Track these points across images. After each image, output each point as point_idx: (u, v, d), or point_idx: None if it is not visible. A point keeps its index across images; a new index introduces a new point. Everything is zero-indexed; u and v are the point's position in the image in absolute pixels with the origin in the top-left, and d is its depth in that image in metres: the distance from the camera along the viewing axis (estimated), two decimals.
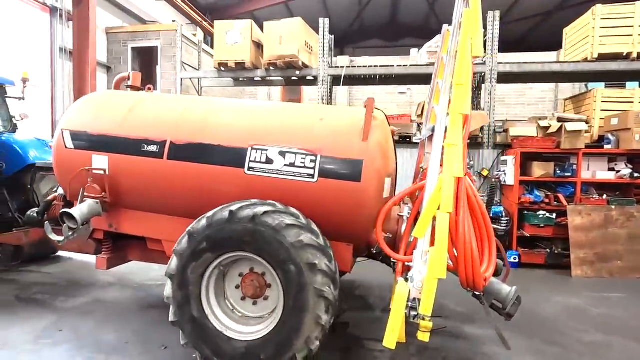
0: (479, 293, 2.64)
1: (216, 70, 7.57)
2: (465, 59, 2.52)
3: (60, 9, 8.01)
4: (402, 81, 8.72)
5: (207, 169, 3.04)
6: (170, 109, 3.43)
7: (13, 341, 3.17)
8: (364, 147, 2.83)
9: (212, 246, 2.58)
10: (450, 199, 2.37)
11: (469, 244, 2.42)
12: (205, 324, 2.62)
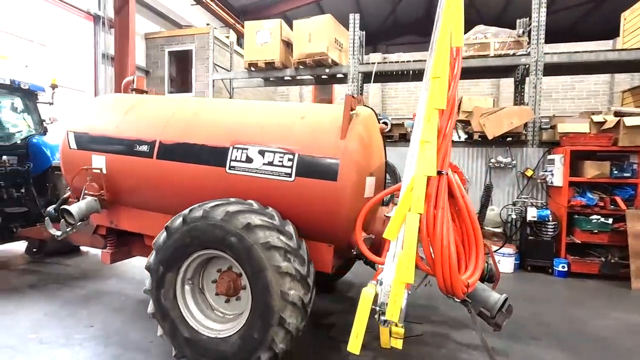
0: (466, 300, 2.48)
1: (246, 70, 7.61)
2: (442, 50, 2.41)
3: (103, 17, 8.44)
4: None
5: (193, 168, 3.11)
6: (163, 110, 3.52)
7: (47, 337, 3.29)
8: (341, 146, 2.76)
9: (188, 243, 2.62)
10: (421, 200, 2.24)
11: (447, 247, 2.25)
12: (178, 318, 2.67)
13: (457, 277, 2.30)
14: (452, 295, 2.36)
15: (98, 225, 3.79)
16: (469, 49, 6.59)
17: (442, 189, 2.38)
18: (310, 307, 2.60)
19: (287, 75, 7.47)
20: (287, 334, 2.45)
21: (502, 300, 2.55)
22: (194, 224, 2.59)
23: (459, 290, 2.32)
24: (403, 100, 12.97)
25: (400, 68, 6.98)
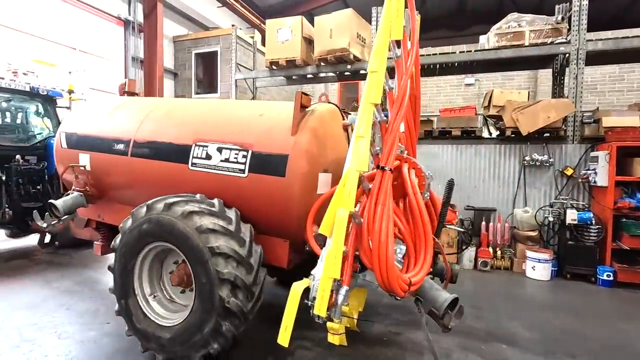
0: (419, 299, 2.51)
1: (268, 69, 7.57)
2: (380, 44, 2.42)
3: (133, 21, 8.73)
4: (467, 70, 7.85)
5: (161, 165, 3.26)
6: (140, 111, 3.69)
7: (65, 332, 3.36)
8: (290, 142, 2.79)
9: (137, 237, 2.79)
10: (351, 196, 2.24)
11: (384, 244, 2.20)
12: (133, 298, 2.86)
13: (394, 274, 2.23)
14: (392, 292, 2.31)
15: (89, 219, 4.05)
16: (500, 39, 6.16)
17: (384, 185, 2.33)
18: (257, 288, 2.64)
19: (309, 72, 7.34)
20: (229, 313, 2.50)
21: (450, 300, 2.45)
22: (142, 219, 2.75)
23: (397, 288, 2.26)
24: (431, 96, 12.48)
25: (426, 62, 6.65)
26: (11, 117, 5.91)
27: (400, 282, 2.26)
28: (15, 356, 2.93)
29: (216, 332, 2.51)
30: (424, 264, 2.45)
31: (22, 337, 3.23)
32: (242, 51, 9.75)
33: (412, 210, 2.53)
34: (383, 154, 2.46)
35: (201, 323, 2.54)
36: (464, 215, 6.01)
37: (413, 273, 2.40)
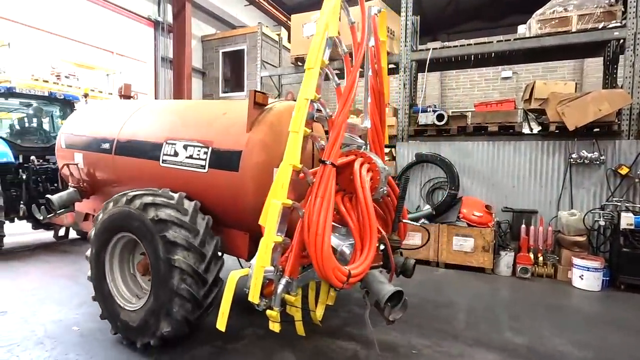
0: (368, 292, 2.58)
1: (293, 66, 7.43)
2: (318, 41, 2.51)
3: (162, 22, 8.90)
4: (504, 62, 7.33)
5: (138, 162, 3.51)
6: (126, 113, 3.96)
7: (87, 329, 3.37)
8: (245, 138, 2.91)
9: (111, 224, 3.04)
10: (284, 188, 2.36)
11: (321, 235, 2.29)
12: (103, 284, 3.12)
13: (330, 265, 2.29)
14: (329, 282, 2.38)
15: (87, 213, 4.31)
16: (544, 26, 5.64)
17: (324, 179, 2.43)
18: (210, 276, 2.78)
19: (335, 67, 7.11)
20: (180, 298, 2.67)
21: (390, 293, 2.47)
22: (108, 211, 3.01)
23: (333, 279, 2.31)
24: (465, 91, 11.89)
25: (459, 53, 6.24)
26: (33, 120, 6.47)
27: (337, 273, 2.32)
28: (39, 353, 2.94)
29: (168, 316, 2.70)
30: (367, 258, 2.50)
31: (47, 333, 3.26)
32: (269, 49, 9.69)
33: (359, 205, 2.59)
34: (326, 148, 2.54)
35: (155, 307, 2.75)
36: (500, 217, 5.57)
37: (354, 265, 2.46)
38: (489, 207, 5.47)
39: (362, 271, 2.47)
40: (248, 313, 3.27)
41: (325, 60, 2.59)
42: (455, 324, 3.64)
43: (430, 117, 6.10)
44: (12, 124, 6.41)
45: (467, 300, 4.25)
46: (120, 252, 3.18)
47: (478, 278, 5.08)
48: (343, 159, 2.78)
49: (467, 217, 5.40)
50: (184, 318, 2.72)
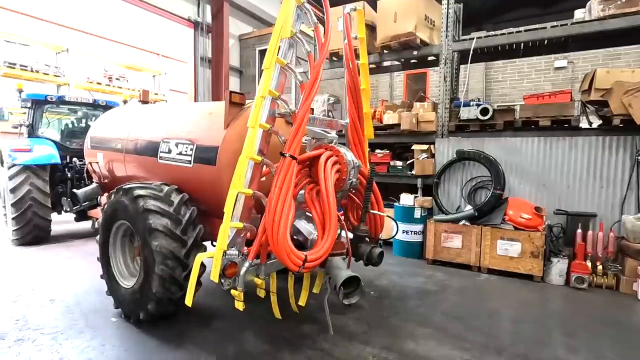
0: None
1: (327, 60, 7.28)
2: (273, 42, 2.78)
3: (201, 22, 9.13)
4: (559, 49, 6.69)
5: (141, 158, 3.95)
6: (136, 116, 4.51)
7: (124, 320, 3.48)
8: (222, 135, 3.19)
9: (111, 213, 3.48)
10: (241, 178, 2.61)
11: (277, 223, 2.51)
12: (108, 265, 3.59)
13: (285, 250, 2.52)
14: (285, 266, 2.60)
15: None
16: (607, 7, 5.03)
17: (284, 170, 2.65)
18: (190, 261, 3.03)
19: (370, 61, 6.85)
20: (162, 280, 3.02)
21: (344, 278, 2.70)
22: (110, 201, 3.45)
23: (289, 263, 2.55)
24: (513, 84, 11.09)
25: (507, 41, 5.75)
26: (79, 124, 7.15)
27: (293, 257, 2.55)
28: (79, 342, 3.07)
29: (151, 295, 3.07)
30: (324, 245, 2.70)
31: (88, 323, 3.40)
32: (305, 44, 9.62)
33: (321, 195, 2.81)
34: (287, 142, 2.75)
35: (141, 287, 3.15)
36: (552, 221, 5.07)
37: (312, 251, 2.66)
38: (539, 209, 4.99)
39: (319, 257, 2.67)
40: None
41: (285, 60, 2.82)
42: (500, 336, 3.33)
43: (474, 111, 5.70)
44: (62, 129, 7.13)
45: (513, 311, 3.89)
46: (121, 238, 3.62)
47: (525, 286, 4.66)
48: (312, 153, 3.04)
49: (513, 220, 4.98)
50: (167, 297, 3.10)
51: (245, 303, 2.70)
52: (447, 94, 6.02)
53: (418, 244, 5.83)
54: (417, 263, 5.57)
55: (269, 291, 3.25)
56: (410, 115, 6.05)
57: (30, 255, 5.54)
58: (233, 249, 2.67)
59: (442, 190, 5.88)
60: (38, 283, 4.39)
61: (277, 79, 2.83)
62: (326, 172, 2.84)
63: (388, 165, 6.46)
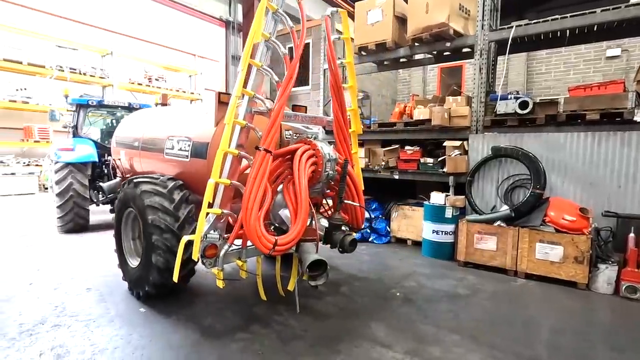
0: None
1: (357, 55, 7.12)
2: (247, 47, 3.06)
3: (233, 21, 9.29)
4: (611, 35, 6.10)
5: (153, 154, 4.45)
6: (151, 118, 5.10)
7: (152, 311, 3.58)
8: (211, 132, 3.55)
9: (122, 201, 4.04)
10: (216, 170, 2.92)
11: (250, 210, 2.79)
12: (120, 245, 4.20)
13: (256, 234, 2.78)
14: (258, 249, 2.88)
15: None
16: None
17: (259, 162, 2.92)
18: (182, 232, 3.42)
19: (400, 55, 6.65)
20: (159, 249, 3.41)
21: (309, 261, 2.95)
22: (121, 190, 4.06)
23: (260, 246, 2.82)
24: (557, 76, 10.34)
25: (551, 28, 5.31)
26: (116, 125, 7.49)
27: (264, 241, 2.82)
28: (109, 330, 3.21)
29: (154, 265, 3.45)
30: (293, 231, 2.94)
31: (118, 312, 3.55)
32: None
33: (294, 186, 3.06)
34: (262, 137, 3.01)
35: (145, 262, 3.58)
36: (600, 224, 4.64)
37: (282, 237, 2.91)
38: (584, 210, 4.58)
39: (288, 242, 2.91)
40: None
41: (259, 61, 3.11)
42: (536, 347, 3.08)
43: (511, 104, 5.34)
44: (102, 129, 7.69)
45: (552, 320, 3.60)
46: (131, 222, 4.13)
47: (568, 293, 4.30)
48: (289, 147, 3.34)
49: (555, 222, 4.61)
50: (165, 266, 3.43)
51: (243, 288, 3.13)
52: (482, 87, 5.68)
53: (449, 244, 5.57)
54: (448, 265, 5.33)
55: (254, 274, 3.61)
56: (442, 110, 5.78)
57: (72, 242, 6.02)
58: (214, 232, 2.99)
59: (476, 189, 5.57)
60: (77, 271, 4.67)
61: (254, 79, 3.13)
62: (300, 165, 3.10)
63: (418, 163, 6.23)
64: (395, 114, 7.03)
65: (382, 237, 6.63)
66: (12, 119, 13.67)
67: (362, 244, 6.44)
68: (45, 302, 3.75)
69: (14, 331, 3.14)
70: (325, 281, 3.15)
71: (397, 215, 6.56)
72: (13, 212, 9.34)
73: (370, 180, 7.46)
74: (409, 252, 5.98)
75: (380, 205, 7.05)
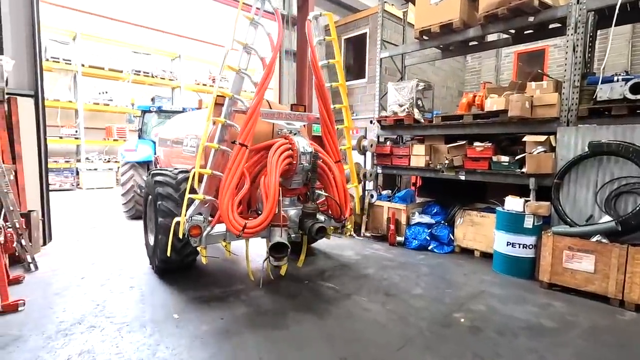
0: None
1: (417, 41, 6.35)
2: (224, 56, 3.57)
3: (286, 14, 9.02)
4: None
5: (177, 150, 5.30)
6: (182, 119, 5.94)
7: (184, 320, 3.37)
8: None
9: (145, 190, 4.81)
10: (198, 161, 3.48)
11: (224, 196, 3.34)
12: (145, 225, 4.93)
13: (228, 217, 3.33)
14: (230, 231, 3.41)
15: None
16: None
17: (234, 155, 3.45)
18: (179, 213, 3.59)
19: (469, 36, 5.72)
20: (162, 230, 3.92)
21: (272, 243, 3.35)
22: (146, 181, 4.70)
23: (231, 227, 3.35)
24: None
25: None
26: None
27: (235, 224, 3.31)
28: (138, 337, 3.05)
29: (157, 244, 4.09)
30: (262, 217, 3.36)
31: (151, 317, 3.39)
32: (393, 28, 8.77)
33: (266, 177, 3.46)
34: (240, 132, 3.47)
35: (156, 240, 4.20)
36: None
37: (252, 221, 3.37)
38: None
39: (256, 225, 3.32)
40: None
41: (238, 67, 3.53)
42: None
43: (619, 88, 4.21)
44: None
45: None
46: (151, 207, 4.59)
47: None
48: (267, 142, 3.75)
49: None
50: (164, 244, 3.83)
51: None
52: (577, 69, 4.60)
53: (527, 260, 4.63)
54: (526, 285, 4.41)
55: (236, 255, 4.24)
56: (522, 99, 4.81)
57: (133, 230, 6.69)
58: (200, 216, 3.48)
59: (566, 195, 4.53)
60: (126, 266, 4.78)
61: (233, 83, 3.57)
62: (273, 158, 3.46)
63: (489, 161, 5.32)
64: (462, 105, 6.12)
65: (444, 245, 5.83)
66: (96, 119, 15.18)
67: (420, 253, 5.72)
68: (89, 299, 3.77)
69: (52, 329, 3.12)
70: (285, 264, 3.51)
71: (463, 222, 5.71)
72: (93, 204, 10.24)
73: (431, 180, 6.66)
74: (476, 266, 5.13)
75: (442, 209, 6.24)
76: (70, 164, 13.73)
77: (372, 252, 5.79)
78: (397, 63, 7.99)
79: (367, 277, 4.61)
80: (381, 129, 6.92)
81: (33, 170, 5.53)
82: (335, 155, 4.13)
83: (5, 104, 5.27)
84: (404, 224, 6.21)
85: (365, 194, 6.95)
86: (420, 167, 6.17)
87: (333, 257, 5.47)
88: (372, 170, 6.84)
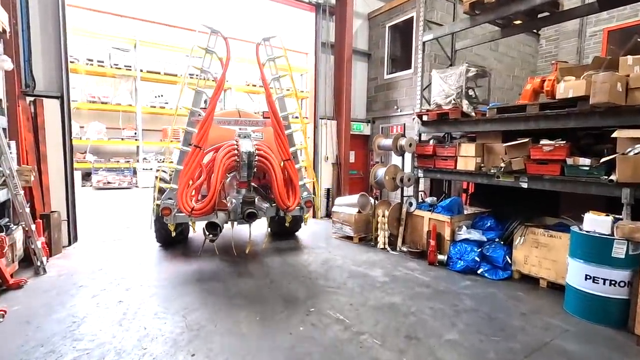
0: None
1: (467, 17, 5.19)
2: (184, 75, 5.12)
3: (323, 3, 8.31)
4: None
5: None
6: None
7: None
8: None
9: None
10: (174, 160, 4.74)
11: (179, 188, 4.22)
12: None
13: (181, 201, 4.19)
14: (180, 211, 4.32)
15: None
16: None
17: (189, 155, 4.28)
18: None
19: (538, 2, 4.45)
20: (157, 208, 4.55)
21: (207, 221, 4.23)
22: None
23: (183, 210, 4.21)
24: None
25: None
26: None
27: (185, 207, 4.19)
28: None
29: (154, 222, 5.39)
30: (205, 202, 4.25)
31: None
32: (444, 9, 7.59)
33: (211, 172, 4.47)
34: (197, 136, 4.31)
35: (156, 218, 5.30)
36: None
37: (198, 204, 4.28)
38: None
39: (201, 208, 4.25)
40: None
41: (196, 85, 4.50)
42: None
43: None
44: None
45: None
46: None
47: None
48: (219, 144, 4.66)
49: None
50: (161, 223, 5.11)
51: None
52: None
53: (617, 302, 3.35)
54: (614, 338, 3.16)
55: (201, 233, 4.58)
56: (612, 79, 3.51)
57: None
58: (170, 200, 4.30)
59: None
60: (129, 274, 4.56)
61: (194, 98, 4.47)
62: (217, 157, 4.39)
63: (562, 165, 4.06)
64: (527, 92, 4.81)
65: (499, 270, 4.65)
66: (153, 122, 16.01)
67: (465, 277, 4.63)
68: (69, 314, 3.44)
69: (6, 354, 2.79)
70: (216, 238, 4.35)
71: (524, 241, 4.49)
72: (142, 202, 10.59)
73: (486, 187, 5.45)
74: (540, 302, 3.92)
75: (497, 224, 5.02)
76: (130, 164, 14.60)
77: (405, 272, 4.82)
78: (446, 50, 6.82)
79: (390, 308, 3.72)
80: (422, 125, 5.84)
81: (58, 171, 5.58)
82: (284, 155, 4.64)
83: (32, 105, 5.37)
84: (448, 240, 5.13)
85: (404, 201, 5.96)
86: (469, 171, 5.04)
87: (357, 275, 4.64)
88: (411, 174, 5.83)
